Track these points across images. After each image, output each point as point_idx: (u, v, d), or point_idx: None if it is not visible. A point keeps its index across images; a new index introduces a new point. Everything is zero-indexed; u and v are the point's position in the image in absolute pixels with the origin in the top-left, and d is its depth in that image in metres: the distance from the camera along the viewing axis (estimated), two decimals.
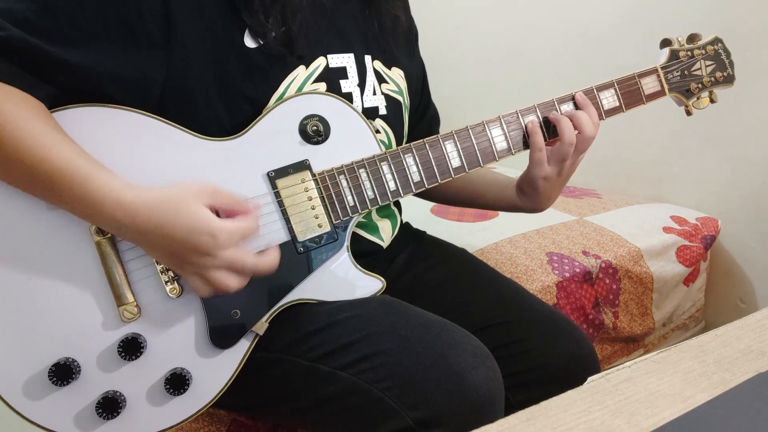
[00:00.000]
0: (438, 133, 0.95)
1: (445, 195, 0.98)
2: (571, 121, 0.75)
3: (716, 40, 0.87)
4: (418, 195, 0.98)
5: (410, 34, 0.91)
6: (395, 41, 0.85)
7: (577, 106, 0.78)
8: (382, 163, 0.72)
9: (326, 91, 0.73)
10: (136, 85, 0.63)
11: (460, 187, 0.95)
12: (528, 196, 0.83)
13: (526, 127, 0.77)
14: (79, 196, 0.57)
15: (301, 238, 0.69)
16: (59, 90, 0.61)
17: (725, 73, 0.87)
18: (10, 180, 0.59)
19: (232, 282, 0.61)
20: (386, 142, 0.81)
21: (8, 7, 0.58)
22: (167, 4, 0.63)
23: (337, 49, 0.76)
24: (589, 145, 0.77)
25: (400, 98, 0.83)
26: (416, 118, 0.95)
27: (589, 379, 0.46)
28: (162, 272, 0.64)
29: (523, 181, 0.83)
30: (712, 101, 0.87)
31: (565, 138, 0.75)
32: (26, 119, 0.57)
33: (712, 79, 0.86)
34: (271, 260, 0.64)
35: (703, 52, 0.86)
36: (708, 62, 0.86)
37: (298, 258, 0.69)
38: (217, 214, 0.61)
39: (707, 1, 1.36)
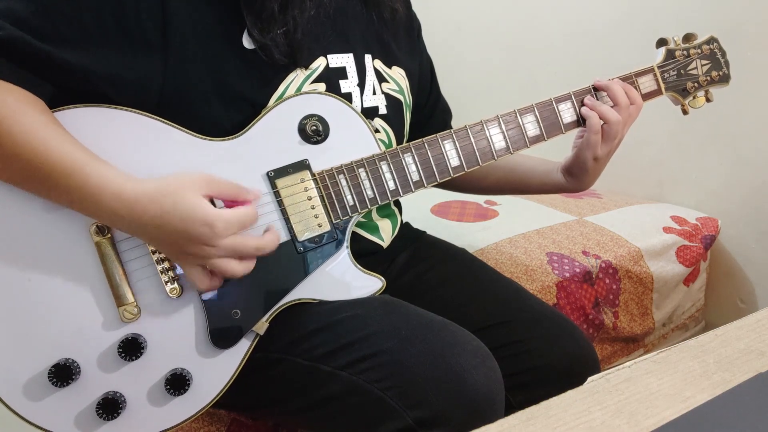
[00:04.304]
0: (451, 126, 0.96)
1: (484, 186, 0.99)
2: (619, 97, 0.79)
3: (711, 40, 0.87)
4: (453, 189, 1.00)
5: (411, 29, 0.91)
6: (396, 38, 0.85)
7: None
8: (381, 163, 0.72)
9: (325, 91, 0.73)
10: (134, 87, 0.63)
11: (501, 177, 0.96)
12: (577, 177, 0.86)
13: (580, 111, 0.80)
14: (77, 187, 0.57)
15: (300, 237, 0.69)
16: (58, 89, 0.61)
17: (720, 72, 0.87)
18: (8, 176, 0.59)
19: (238, 267, 0.61)
20: (386, 141, 0.81)
21: (6, 7, 0.58)
22: (164, 7, 0.63)
23: (337, 50, 0.75)
24: (635, 119, 0.82)
25: (400, 97, 0.83)
26: (427, 111, 0.95)
27: (589, 379, 0.46)
28: (162, 272, 0.64)
29: (573, 164, 0.84)
30: (708, 100, 0.87)
31: (637, 102, 0.80)
32: (24, 114, 0.57)
33: (708, 78, 0.86)
34: (272, 239, 0.64)
35: (699, 51, 0.86)
36: (704, 61, 0.86)
37: (298, 258, 0.69)
38: (213, 204, 0.61)
39: (707, 0, 1.36)
